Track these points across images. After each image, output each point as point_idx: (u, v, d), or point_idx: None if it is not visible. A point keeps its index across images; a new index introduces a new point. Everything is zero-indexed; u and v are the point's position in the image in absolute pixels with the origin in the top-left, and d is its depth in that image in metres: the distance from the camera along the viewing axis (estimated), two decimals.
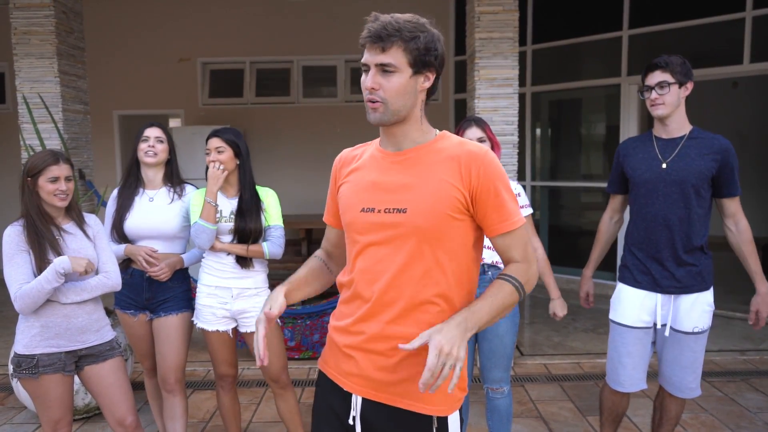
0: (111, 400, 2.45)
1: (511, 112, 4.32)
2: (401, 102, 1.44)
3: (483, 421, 3.33)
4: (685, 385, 2.62)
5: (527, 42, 6.94)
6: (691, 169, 2.47)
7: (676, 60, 2.48)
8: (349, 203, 1.54)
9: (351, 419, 1.53)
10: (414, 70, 1.43)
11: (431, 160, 1.47)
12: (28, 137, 4.06)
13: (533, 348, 4.85)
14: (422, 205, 1.43)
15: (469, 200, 1.44)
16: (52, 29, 4.18)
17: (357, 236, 1.52)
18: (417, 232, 1.43)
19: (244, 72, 8.04)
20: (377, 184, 1.50)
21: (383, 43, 1.39)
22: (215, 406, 3.82)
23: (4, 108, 7.89)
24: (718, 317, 5.61)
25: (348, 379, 1.53)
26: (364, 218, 1.49)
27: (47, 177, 2.32)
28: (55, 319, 2.33)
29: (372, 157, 1.56)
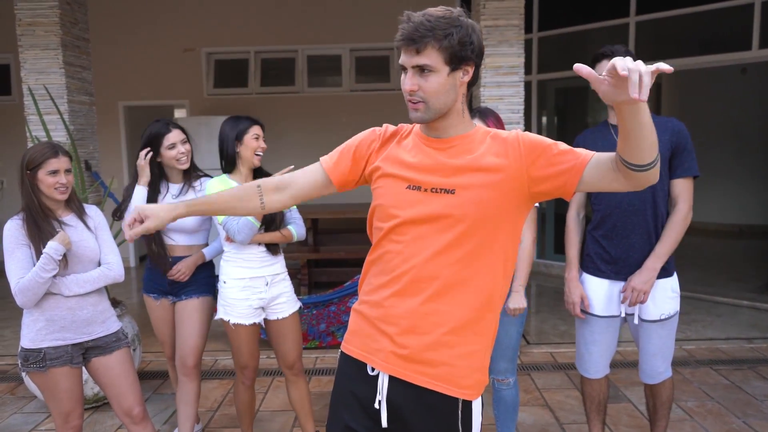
0: (118, 391, 2.45)
1: (517, 100, 4.29)
2: (442, 100, 1.45)
3: (489, 410, 3.34)
4: (653, 371, 2.66)
5: (533, 29, 6.89)
6: None
7: (619, 49, 2.50)
8: (396, 179, 1.53)
9: (377, 403, 1.51)
10: (451, 68, 1.43)
11: (476, 147, 1.49)
12: (34, 128, 4.07)
13: (539, 337, 4.85)
14: (471, 189, 1.44)
15: (525, 181, 1.45)
16: (56, 20, 4.18)
17: (397, 211, 1.51)
18: (463, 214, 1.44)
19: (248, 62, 8.02)
20: (425, 165, 1.50)
21: (417, 44, 1.39)
22: (223, 396, 3.85)
23: (10, 99, 7.90)
24: (724, 305, 5.60)
25: (376, 356, 1.52)
26: (408, 195, 1.50)
27: (47, 170, 2.30)
28: (60, 312, 2.33)
29: (418, 139, 1.56)
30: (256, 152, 2.78)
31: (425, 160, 1.51)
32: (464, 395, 1.49)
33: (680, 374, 4.01)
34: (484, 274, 1.48)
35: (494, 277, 1.50)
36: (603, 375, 2.74)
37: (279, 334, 2.86)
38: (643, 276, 2.49)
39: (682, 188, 2.50)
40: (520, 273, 2.64)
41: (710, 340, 4.67)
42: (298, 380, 2.93)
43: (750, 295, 5.82)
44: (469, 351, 1.50)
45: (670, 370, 2.68)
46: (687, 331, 4.91)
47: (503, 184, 1.45)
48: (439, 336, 1.47)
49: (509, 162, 1.45)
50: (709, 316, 5.29)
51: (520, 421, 3.37)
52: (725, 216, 9.53)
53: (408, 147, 1.57)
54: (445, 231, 1.46)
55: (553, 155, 1.45)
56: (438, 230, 1.46)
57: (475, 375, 1.50)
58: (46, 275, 2.23)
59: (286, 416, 3.54)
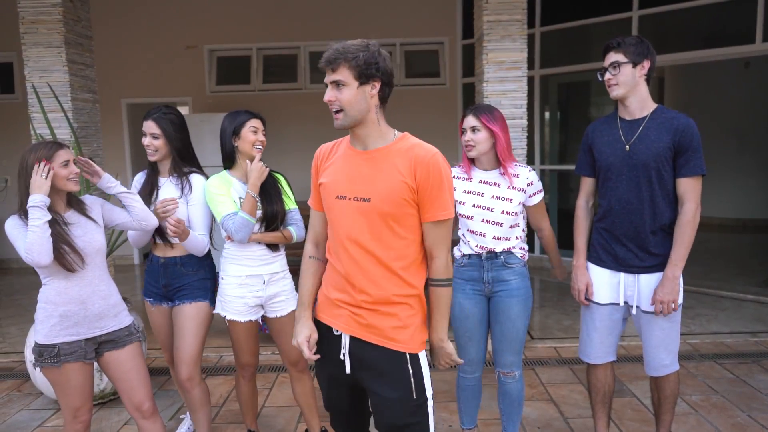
0: (129, 386, 2.47)
1: (520, 95, 4.28)
2: (356, 108, 1.79)
3: (495, 404, 3.35)
4: (658, 363, 2.64)
5: (536, 24, 6.87)
6: (650, 151, 2.46)
7: (630, 40, 2.47)
8: (328, 190, 1.91)
9: (342, 355, 1.91)
10: (360, 82, 1.77)
11: (392, 159, 1.82)
12: (38, 126, 4.08)
13: (543, 332, 4.86)
14: (382, 195, 1.80)
15: (414, 192, 1.80)
16: (59, 18, 4.18)
17: (332, 216, 1.92)
18: (378, 215, 1.81)
19: (251, 59, 8.02)
20: (349, 176, 1.86)
21: (332, 65, 1.77)
22: (228, 391, 3.86)
23: (14, 98, 7.92)
24: (728, 299, 5.60)
25: (338, 320, 1.92)
26: (336, 203, 1.88)
27: (59, 162, 2.29)
28: (73, 307, 2.34)
29: (345, 153, 1.92)
30: (254, 145, 2.74)
31: (351, 171, 1.86)
32: (406, 349, 1.87)
33: (685, 368, 4.01)
34: (397, 256, 1.88)
35: (409, 257, 1.90)
36: (605, 361, 2.75)
37: (280, 331, 2.86)
38: (666, 287, 2.48)
39: (688, 187, 2.47)
40: (553, 256, 2.88)
41: (715, 334, 4.67)
42: (302, 376, 2.94)
43: (754, 289, 5.81)
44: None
45: (677, 363, 2.66)
46: (691, 325, 4.91)
47: (406, 188, 1.80)
48: (376, 307, 1.89)
49: (409, 177, 1.80)
50: (714, 310, 5.29)
51: (525, 416, 3.38)
52: (729, 210, 9.52)
53: (340, 160, 1.92)
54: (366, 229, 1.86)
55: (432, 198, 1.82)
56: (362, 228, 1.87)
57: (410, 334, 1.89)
58: (40, 222, 2.19)
59: (291, 412, 3.55)
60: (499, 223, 2.63)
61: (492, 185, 2.66)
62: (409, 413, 1.86)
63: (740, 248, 8.13)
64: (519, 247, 2.69)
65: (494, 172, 2.68)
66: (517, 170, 2.66)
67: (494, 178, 2.67)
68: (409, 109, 7.71)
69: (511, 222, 2.64)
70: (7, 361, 4.53)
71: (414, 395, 1.85)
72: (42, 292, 2.38)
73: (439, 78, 8.02)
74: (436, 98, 7.89)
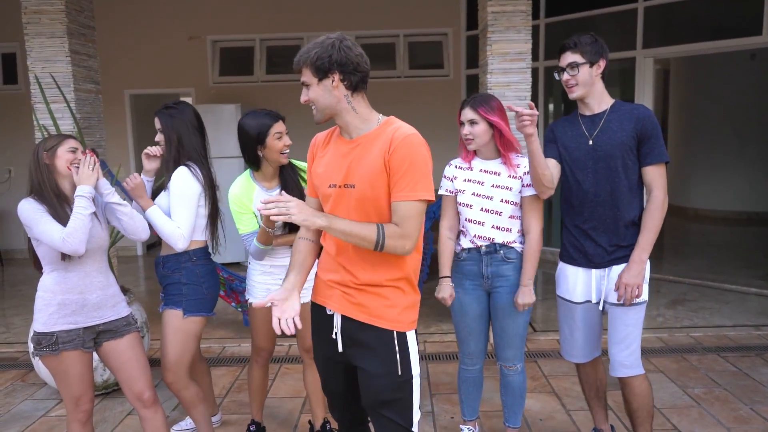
0: (129, 375, 2.49)
1: (524, 87, 4.26)
2: (324, 103, 1.89)
3: (497, 396, 3.35)
4: (618, 362, 2.57)
5: (540, 15, 6.83)
6: (614, 142, 2.47)
7: (585, 39, 2.50)
8: (321, 179, 1.98)
9: (333, 334, 1.98)
10: (318, 78, 1.86)
11: (373, 145, 1.87)
12: (41, 117, 4.08)
13: (546, 324, 4.86)
14: (364, 180, 1.85)
15: (388, 169, 1.83)
16: (62, 8, 4.16)
17: (327, 203, 1.97)
18: (362, 200, 1.86)
19: (254, 49, 8.00)
20: (338, 164, 1.93)
21: (298, 67, 1.89)
22: (231, 383, 3.87)
23: (17, 88, 7.92)
24: (732, 292, 5.58)
25: (330, 300, 1.99)
26: (330, 191, 1.94)
27: (66, 147, 2.36)
28: (71, 296, 2.37)
29: (335, 143, 1.99)
30: (281, 152, 2.70)
31: (339, 160, 1.92)
32: (394, 327, 1.91)
33: (687, 361, 4.01)
34: None
35: None
36: (590, 359, 2.74)
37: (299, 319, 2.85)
38: (632, 270, 2.46)
39: (654, 175, 2.46)
40: (528, 267, 2.62)
41: (718, 327, 4.66)
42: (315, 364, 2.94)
43: (758, 282, 5.80)
44: None
45: (641, 367, 2.58)
46: (694, 318, 4.90)
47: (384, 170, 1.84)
48: (365, 288, 1.94)
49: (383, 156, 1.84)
50: (717, 303, 5.28)
51: (527, 408, 3.38)
52: (733, 203, 9.48)
53: (331, 149, 1.99)
54: (353, 214, 1.90)
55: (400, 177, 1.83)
56: (348, 213, 1.91)
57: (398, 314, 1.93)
58: (86, 212, 2.27)
59: (294, 402, 3.56)
60: (498, 212, 2.62)
61: (492, 174, 2.65)
62: (394, 389, 1.91)
63: (744, 241, 8.11)
64: (519, 242, 2.67)
65: (495, 161, 2.67)
66: (519, 161, 2.65)
67: (495, 167, 2.66)
68: (413, 101, 7.68)
69: (511, 211, 2.62)
70: (11, 351, 4.55)
71: (399, 371, 1.90)
72: (41, 281, 2.40)
73: (443, 69, 7.99)
74: (440, 89, 7.86)
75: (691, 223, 9.37)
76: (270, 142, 2.66)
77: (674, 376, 3.78)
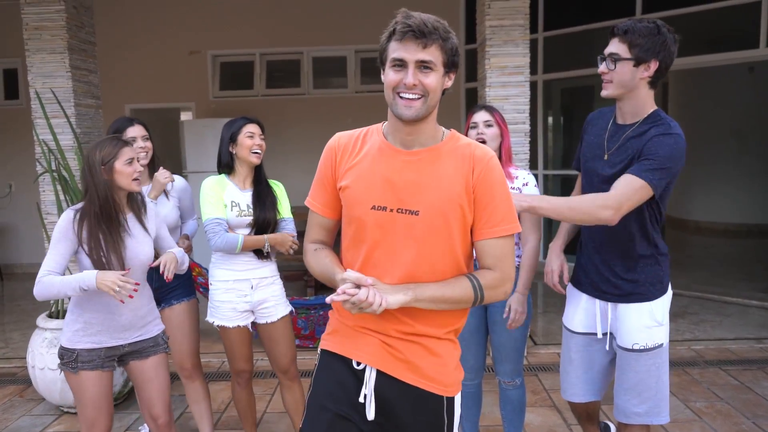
0: (149, 395, 2.45)
1: (523, 100, 4.28)
2: (435, 99, 1.50)
3: (496, 410, 3.33)
4: (628, 410, 2.20)
5: (538, 29, 6.87)
6: (623, 168, 2.03)
7: (643, 29, 1.95)
8: (358, 197, 1.54)
9: (362, 397, 1.55)
10: (445, 70, 1.49)
11: (443, 162, 1.52)
12: (41, 132, 4.09)
13: (546, 337, 4.83)
14: (434, 208, 1.49)
15: (472, 198, 1.50)
16: (63, 24, 4.19)
17: (365, 232, 1.54)
18: (428, 232, 1.49)
19: (254, 64, 8.03)
20: (390, 181, 1.51)
21: (426, 39, 1.42)
22: (230, 397, 3.85)
23: (17, 103, 7.95)
24: (733, 305, 5.56)
25: (363, 350, 1.55)
26: (374, 216, 1.52)
27: (123, 160, 2.27)
28: (99, 315, 2.30)
29: (381, 151, 1.56)
30: (252, 150, 2.75)
31: (393, 175, 1.52)
32: (447, 392, 1.58)
33: (689, 375, 3.98)
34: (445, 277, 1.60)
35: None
36: (584, 400, 2.38)
37: (270, 338, 2.84)
38: (519, 197, 1.99)
39: (624, 183, 1.96)
40: (523, 275, 2.59)
41: (719, 341, 4.64)
42: (293, 384, 2.92)
43: (760, 294, 5.78)
44: None
45: (661, 416, 2.19)
46: (696, 331, 4.88)
47: (461, 196, 1.51)
48: (415, 339, 1.57)
49: (465, 180, 1.51)
50: (718, 316, 5.26)
51: (528, 422, 3.35)
52: (734, 215, 9.47)
53: (373, 159, 1.56)
54: (411, 248, 1.54)
55: (492, 208, 1.52)
56: (405, 248, 1.55)
57: (452, 372, 1.61)
58: (68, 293, 2.19)
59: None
60: None
61: None
62: None
63: (745, 253, 8.09)
64: (517, 255, 2.67)
65: None
66: (517, 173, 2.66)
67: None
68: None
69: None
70: (10, 366, 4.53)
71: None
72: (73, 296, 2.32)
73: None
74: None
75: (691, 236, 9.36)
76: (241, 139, 2.75)
77: (676, 389, 3.76)
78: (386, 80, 1.49)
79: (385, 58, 1.49)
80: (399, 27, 1.45)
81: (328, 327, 1.68)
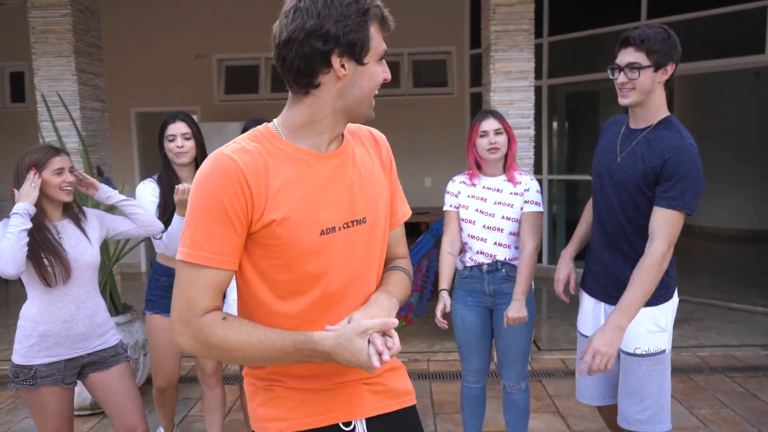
0: (120, 408, 2.34)
1: (527, 105, 4.28)
2: None
3: (500, 416, 3.32)
4: (631, 416, 2.18)
5: (543, 34, 6.87)
6: (631, 171, 2.06)
7: (656, 35, 2.00)
8: (302, 228, 1.24)
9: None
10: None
11: (359, 153, 1.39)
12: (47, 135, 4.11)
13: (550, 343, 4.82)
14: (376, 205, 1.36)
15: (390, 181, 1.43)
16: (69, 28, 4.22)
17: (316, 265, 1.29)
18: (374, 236, 1.37)
19: (259, 68, 8.06)
20: (330, 194, 1.29)
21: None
22: (232, 401, 3.85)
23: (24, 106, 7.99)
24: (739, 312, 5.53)
25: (351, 407, 1.36)
26: (324, 241, 1.27)
27: (52, 169, 2.21)
28: (54, 326, 2.23)
29: (301, 162, 1.27)
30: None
31: None
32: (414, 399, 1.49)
33: (694, 381, 3.96)
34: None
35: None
36: (601, 404, 2.39)
37: None
38: (605, 337, 1.96)
39: (662, 221, 2.00)
40: (520, 280, 2.57)
41: (724, 347, 4.61)
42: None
43: (764, 301, 5.75)
44: None
45: (662, 423, 2.16)
46: (701, 337, 4.85)
47: None
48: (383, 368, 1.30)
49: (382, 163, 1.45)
50: (724, 323, 5.23)
51: (531, 428, 3.34)
52: (740, 221, 9.43)
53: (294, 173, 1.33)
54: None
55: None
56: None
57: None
58: (16, 229, 2.08)
59: None
60: (500, 229, 2.62)
61: (495, 191, 2.66)
62: None
63: (751, 259, 8.05)
64: (513, 259, 2.67)
65: (499, 177, 2.69)
66: (521, 178, 2.66)
67: (498, 184, 2.67)
68: (418, 118, 7.73)
69: (512, 228, 2.62)
70: None
71: None
72: (24, 308, 2.27)
73: (447, 87, 8.03)
74: (444, 107, 7.90)
75: (696, 242, 9.32)
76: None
77: (680, 396, 3.74)
78: (373, 77, 1.35)
79: (365, 49, 1.32)
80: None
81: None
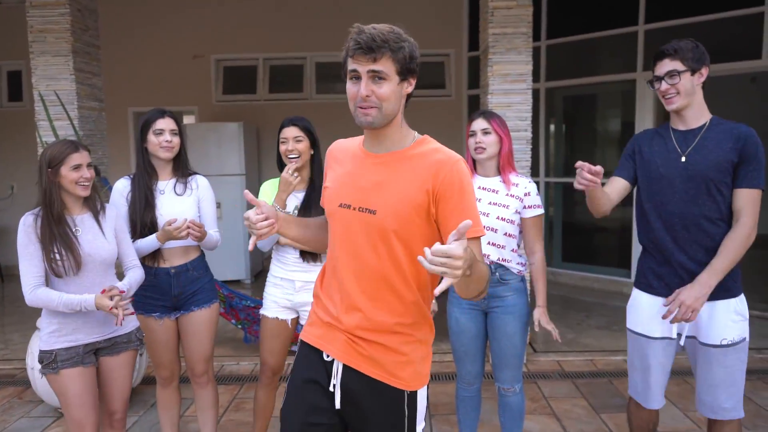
0: (110, 391, 2.48)
1: (525, 107, 4.29)
2: (391, 107, 1.59)
3: (495, 418, 3.32)
4: (717, 405, 2.30)
5: (541, 37, 6.89)
6: (708, 162, 2.22)
7: (686, 45, 2.25)
8: (331, 196, 1.72)
9: (331, 386, 1.70)
10: (400, 78, 1.58)
11: (404, 165, 1.62)
12: (44, 134, 4.11)
13: (546, 345, 4.83)
14: (389, 207, 1.59)
15: (432, 202, 1.58)
16: (67, 27, 4.22)
17: (334, 226, 1.71)
18: (384, 230, 1.60)
19: (257, 68, 8.06)
20: (355, 181, 1.67)
21: (375, 54, 1.53)
22: (229, 401, 3.85)
23: (21, 105, 7.98)
24: None
25: (332, 344, 1.70)
26: (341, 212, 1.67)
27: (70, 165, 2.29)
28: (72, 314, 2.32)
29: (355, 155, 1.72)
30: (287, 156, 2.78)
31: (358, 176, 1.67)
32: (407, 387, 1.68)
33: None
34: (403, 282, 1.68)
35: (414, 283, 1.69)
36: (661, 406, 2.47)
37: None
38: (695, 290, 2.19)
39: (747, 200, 2.21)
40: (539, 286, 2.68)
41: None
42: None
43: (760, 305, 5.77)
44: None
45: (741, 410, 2.32)
46: None
47: (419, 200, 1.59)
48: (379, 336, 1.68)
49: (424, 184, 1.59)
50: None
51: (526, 429, 3.34)
52: None
53: (348, 162, 1.73)
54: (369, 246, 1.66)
55: (459, 209, 1.57)
56: (365, 246, 1.67)
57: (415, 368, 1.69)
58: (65, 310, 2.28)
59: None
60: (493, 229, 2.63)
61: (490, 191, 2.67)
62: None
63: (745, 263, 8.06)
64: (516, 262, 2.67)
65: (495, 178, 2.69)
66: (518, 180, 2.67)
67: (494, 184, 2.68)
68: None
69: (506, 229, 2.63)
70: (9, 368, 4.53)
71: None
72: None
73: (445, 89, 8.04)
74: (442, 110, 7.91)
75: None
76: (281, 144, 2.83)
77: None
78: (347, 92, 1.61)
79: (345, 71, 1.61)
80: (351, 44, 1.56)
81: (308, 319, 1.82)
